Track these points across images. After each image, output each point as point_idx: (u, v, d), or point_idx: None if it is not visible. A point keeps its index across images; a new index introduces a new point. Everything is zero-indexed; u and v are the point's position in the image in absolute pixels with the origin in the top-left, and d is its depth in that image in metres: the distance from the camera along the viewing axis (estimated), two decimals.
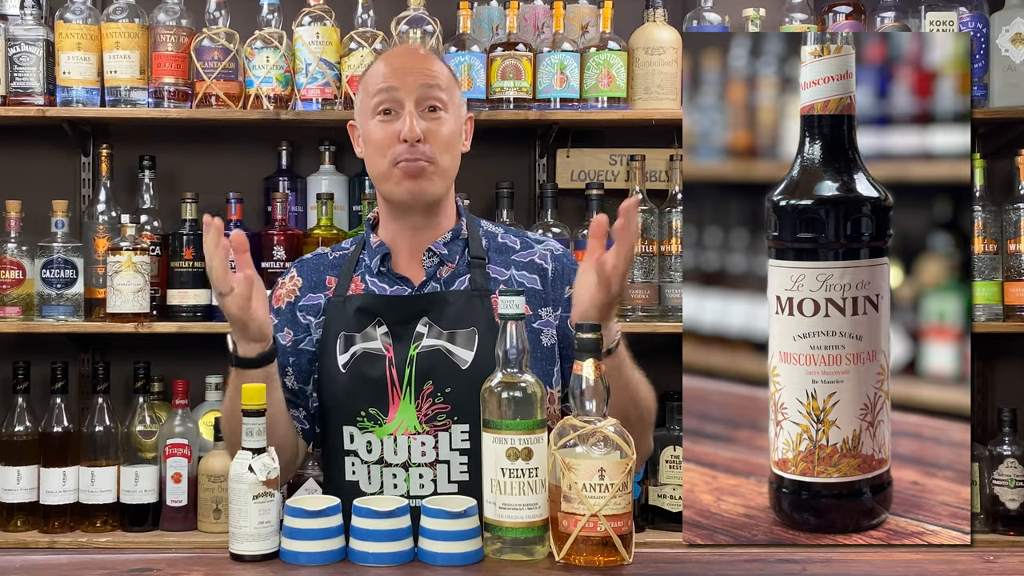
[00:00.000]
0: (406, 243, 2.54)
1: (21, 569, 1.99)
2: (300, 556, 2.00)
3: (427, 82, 2.47)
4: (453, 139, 2.51)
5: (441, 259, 2.51)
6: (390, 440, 2.42)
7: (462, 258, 2.52)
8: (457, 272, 2.51)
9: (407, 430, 2.41)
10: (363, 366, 2.45)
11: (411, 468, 2.41)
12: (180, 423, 3.62)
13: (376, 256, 2.53)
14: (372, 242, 2.56)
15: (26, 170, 4.05)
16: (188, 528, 3.60)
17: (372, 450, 2.44)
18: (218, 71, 3.72)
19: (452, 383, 2.40)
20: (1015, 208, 3.76)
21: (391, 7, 3.87)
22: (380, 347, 2.45)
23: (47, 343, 3.92)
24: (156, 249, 3.76)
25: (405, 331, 2.45)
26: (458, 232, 2.55)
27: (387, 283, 2.52)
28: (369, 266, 2.54)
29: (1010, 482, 3.67)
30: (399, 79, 2.47)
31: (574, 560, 1.95)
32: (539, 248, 2.57)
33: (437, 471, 2.40)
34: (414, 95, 2.45)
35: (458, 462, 2.40)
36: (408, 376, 2.42)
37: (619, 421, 2.00)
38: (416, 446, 2.41)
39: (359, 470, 2.45)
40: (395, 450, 2.42)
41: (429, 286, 2.50)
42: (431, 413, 2.41)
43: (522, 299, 2.05)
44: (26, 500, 3.58)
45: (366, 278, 2.54)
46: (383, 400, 2.43)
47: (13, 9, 3.83)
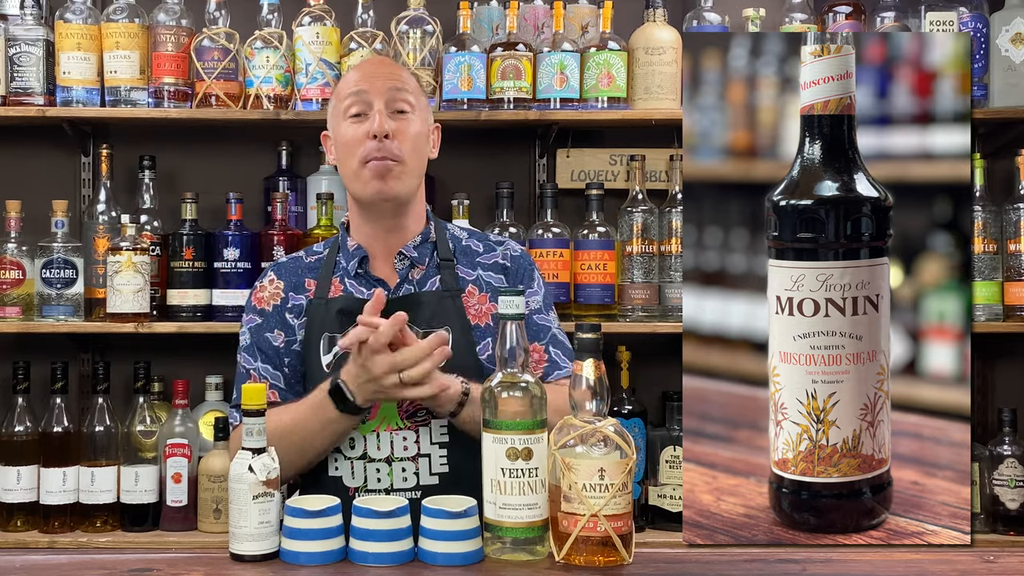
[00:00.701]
0: (380, 246, 2.64)
1: (21, 569, 1.99)
2: (300, 556, 2.01)
3: (395, 85, 2.60)
4: (420, 141, 2.61)
5: (412, 261, 2.62)
6: (373, 436, 2.51)
7: (431, 260, 2.63)
8: (428, 273, 2.62)
9: (389, 426, 2.51)
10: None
11: (394, 462, 2.50)
12: (180, 423, 3.62)
13: (354, 259, 2.63)
14: (348, 245, 2.66)
15: (26, 170, 4.05)
16: (188, 528, 3.60)
17: (355, 446, 2.52)
18: (218, 71, 3.72)
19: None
20: (1015, 208, 3.76)
21: (391, 7, 3.86)
22: None
23: (47, 343, 3.92)
24: (156, 249, 3.76)
25: None
26: (427, 235, 2.66)
27: (365, 285, 2.61)
28: (347, 269, 2.64)
29: (1010, 482, 3.67)
30: (368, 83, 2.60)
31: (574, 560, 1.95)
32: (500, 250, 2.70)
33: (419, 464, 2.50)
34: (383, 97, 2.57)
35: (438, 455, 2.50)
36: None
37: None
38: (398, 441, 2.51)
39: (342, 465, 2.53)
40: (378, 445, 2.51)
41: (403, 288, 2.60)
42: (412, 410, 2.51)
43: (522, 299, 2.06)
44: (26, 500, 3.58)
45: (345, 280, 2.63)
46: None
47: (13, 9, 3.83)
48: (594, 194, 3.83)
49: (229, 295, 3.73)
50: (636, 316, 3.74)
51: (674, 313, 3.72)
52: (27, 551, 3.27)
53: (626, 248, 3.80)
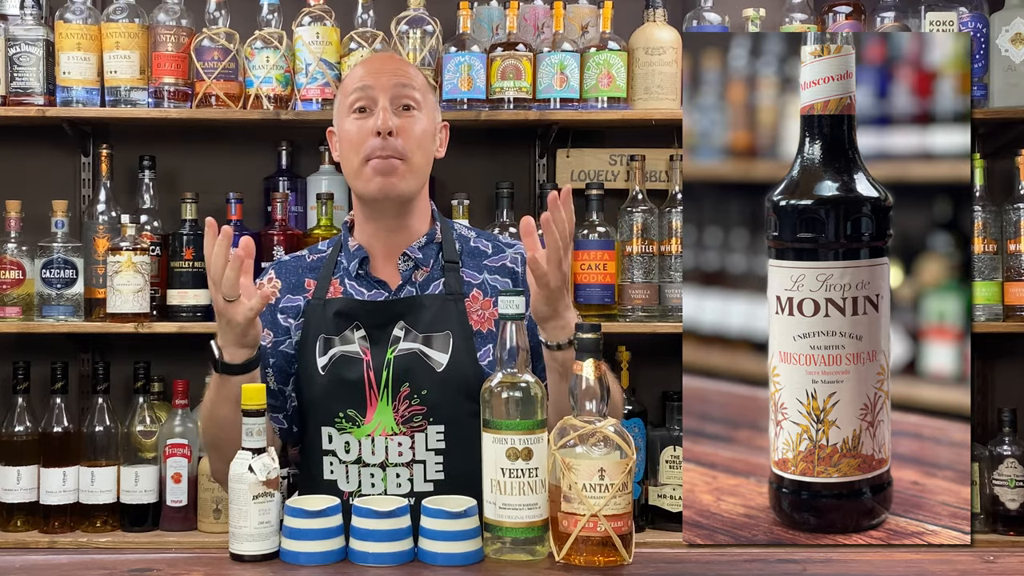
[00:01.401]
0: (381, 246, 2.58)
1: (21, 569, 1.99)
2: (300, 556, 2.01)
3: (401, 81, 2.53)
4: (426, 138, 2.55)
5: (416, 263, 2.56)
6: (368, 440, 2.47)
7: (436, 262, 2.57)
8: (432, 276, 2.56)
9: (384, 431, 2.47)
10: (341, 369, 2.49)
11: (388, 468, 2.46)
12: (180, 423, 3.62)
13: (355, 259, 2.57)
14: (350, 245, 2.61)
15: (26, 170, 4.05)
16: (188, 528, 3.61)
17: (350, 450, 2.48)
18: (218, 71, 3.72)
19: (428, 385, 2.46)
20: (1015, 208, 3.77)
21: (391, 7, 3.87)
22: (358, 350, 2.49)
23: (47, 343, 3.92)
24: (156, 249, 3.76)
25: (382, 335, 2.49)
26: (432, 236, 2.60)
27: (365, 286, 2.56)
28: (347, 269, 2.59)
29: (1010, 482, 3.68)
30: (374, 78, 2.54)
31: (574, 560, 1.95)
32: (510, 252, 2.62)
33: (414, 471, 2.46)
34: (388, 93, 2.51)
35: (434, 462, 2.46)
36: (385, 379, 2.47)
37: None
38: (393, 447, 2.46)
39: (337, 469, 2.50)
40: (372, 450, 2.47)
41: (405, 290, 2.55)
42: (407, 415, 2.47)
43: (522, 299, 2.05)
44: (26, 500, 3.59)
45: (345, 281, 2.58)
46: (361, 402, 2.48)
47: (13, 9, 3.83)
48: (594, 194, 3.83)
49: None
50: (636, 316, 3.74)
51: (674, 313, 3.71)
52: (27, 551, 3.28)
53: (626, 248, 3.80)
